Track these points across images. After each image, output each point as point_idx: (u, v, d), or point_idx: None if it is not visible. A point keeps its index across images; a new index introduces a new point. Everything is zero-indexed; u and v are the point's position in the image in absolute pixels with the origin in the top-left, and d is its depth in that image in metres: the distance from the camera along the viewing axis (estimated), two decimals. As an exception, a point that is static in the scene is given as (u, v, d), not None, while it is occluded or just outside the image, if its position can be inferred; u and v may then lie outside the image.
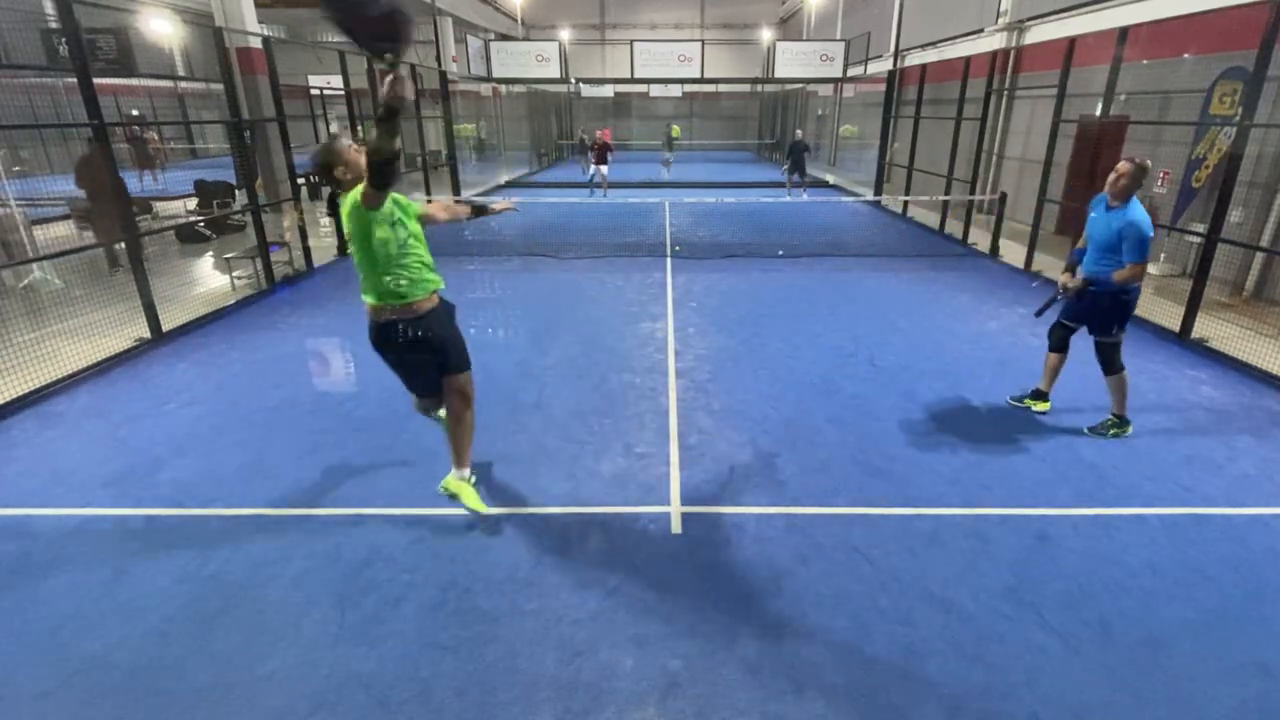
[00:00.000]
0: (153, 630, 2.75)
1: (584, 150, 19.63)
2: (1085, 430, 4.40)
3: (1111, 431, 4.34)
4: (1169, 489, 3.76)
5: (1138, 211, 3.92)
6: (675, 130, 33.97)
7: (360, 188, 2.76)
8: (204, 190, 12.80)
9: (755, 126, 35.57)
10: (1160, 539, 3.33)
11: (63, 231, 10.22)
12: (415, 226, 3.12)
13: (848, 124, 25.67)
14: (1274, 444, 4.27)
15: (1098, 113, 7.65)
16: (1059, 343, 4.50)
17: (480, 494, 3.54)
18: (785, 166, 16.74)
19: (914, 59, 16.01)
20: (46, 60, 7.83)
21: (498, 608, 2.88)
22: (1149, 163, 4.00)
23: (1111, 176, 4.01)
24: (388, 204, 2.84)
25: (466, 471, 3.53)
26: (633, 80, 19.34)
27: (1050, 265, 8.57)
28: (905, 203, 13.58)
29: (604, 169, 16.20)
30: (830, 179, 20.14)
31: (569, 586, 3.00)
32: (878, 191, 15.20)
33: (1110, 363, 4.27)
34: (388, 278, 3.00)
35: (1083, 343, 4.37)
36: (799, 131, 17.34)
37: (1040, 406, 4.66)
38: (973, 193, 11.19)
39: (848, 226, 12.80)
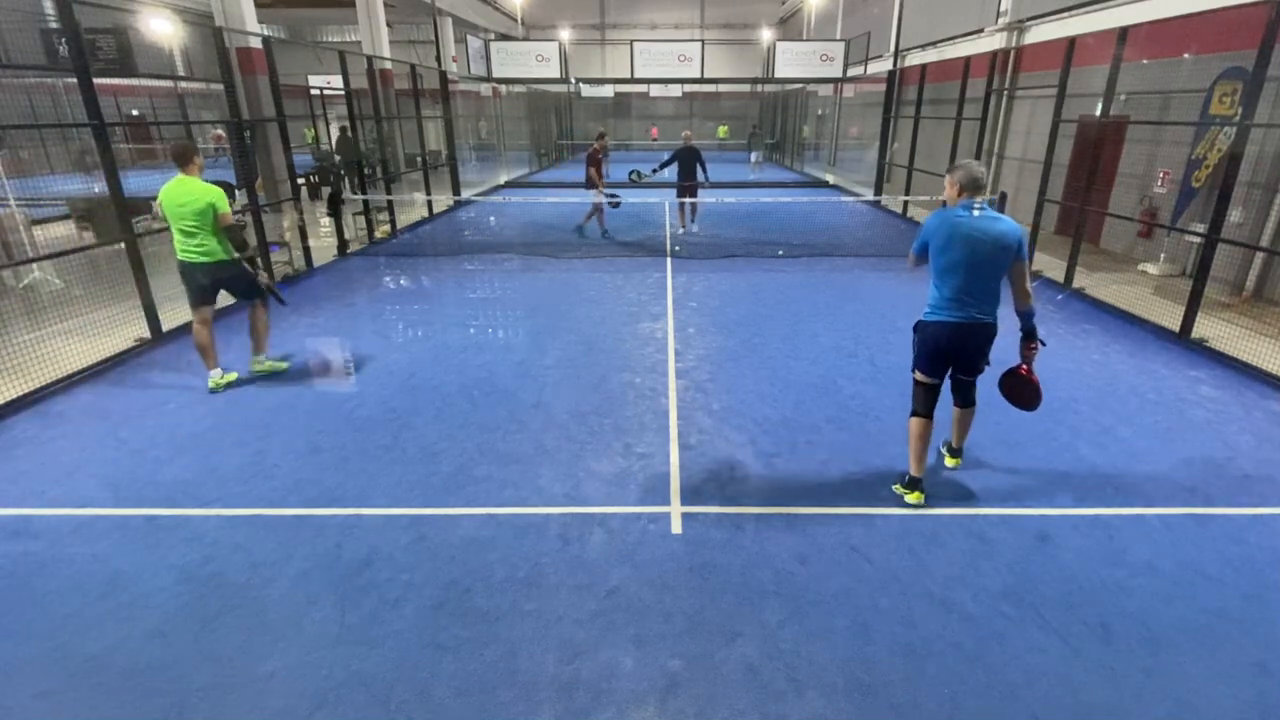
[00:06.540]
0: (153, 630, 2.75)
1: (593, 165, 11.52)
2: None
3: None
4: (1169, 489, 3.76)
5: None
6: (721, 131, 34.35)
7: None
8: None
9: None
10: (1160, 539, 3.33)
11: (63, 231, 10.23)
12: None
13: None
14: (1274, 444, 4.27)
15: (1098, 113, 7.65)
16: None
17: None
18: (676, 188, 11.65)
19: (914, 59, 16.02)
20: (46, 60, 7.82)
21: (498, 608, 2.88)
22: None
23: None
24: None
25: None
26: (633, 80, 19.29)
27: (1051, 265, 8.57)
28: (905, 203, 13.58)
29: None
30: (830, 179, 20.15)
31: (569, 586, 3.00)
32: (878, 191, 15.20)
33: None
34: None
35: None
36: (686, 132, 12.18)
37: None
38: (973, 193, 11.15)
39: (848, 226, 12.79)
